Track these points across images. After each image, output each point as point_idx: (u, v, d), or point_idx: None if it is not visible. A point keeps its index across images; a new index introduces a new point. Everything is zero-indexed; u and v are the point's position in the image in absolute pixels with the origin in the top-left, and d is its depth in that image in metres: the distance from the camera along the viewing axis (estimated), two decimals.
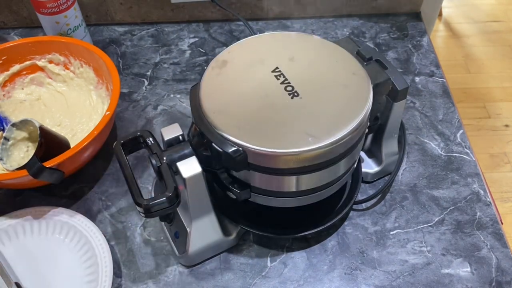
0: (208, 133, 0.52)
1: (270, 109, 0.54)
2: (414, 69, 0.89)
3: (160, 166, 0.53)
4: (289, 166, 0.52)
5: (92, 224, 0.65)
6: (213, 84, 0.56)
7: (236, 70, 0.58)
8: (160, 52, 0.93)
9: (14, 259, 0.64)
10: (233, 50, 0.60)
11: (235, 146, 0.50)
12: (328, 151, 0.51)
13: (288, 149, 0.50)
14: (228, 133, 0.51)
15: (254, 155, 0.51)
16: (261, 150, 0.50)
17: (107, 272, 0.61)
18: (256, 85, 0.56)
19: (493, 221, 0.68)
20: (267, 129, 0.52)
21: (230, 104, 0.54)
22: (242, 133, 0.51)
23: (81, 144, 0.65)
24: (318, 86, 0.56)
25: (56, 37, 0.82)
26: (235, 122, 0.52)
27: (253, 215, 0.64)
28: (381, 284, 0.62)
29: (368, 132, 0.62)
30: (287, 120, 0.52)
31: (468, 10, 2.47)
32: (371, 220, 0.68)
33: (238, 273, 0.63)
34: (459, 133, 0.78)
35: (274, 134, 0.51)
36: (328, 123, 0.52)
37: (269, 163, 0.52)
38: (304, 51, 0.60)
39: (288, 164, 0.51)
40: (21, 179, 0.64)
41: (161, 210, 0.52)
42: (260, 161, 0.52)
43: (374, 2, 0.97)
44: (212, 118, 0.52)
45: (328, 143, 0.50)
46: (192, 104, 0.55)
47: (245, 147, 0.50)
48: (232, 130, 0.51)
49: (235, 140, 0.51)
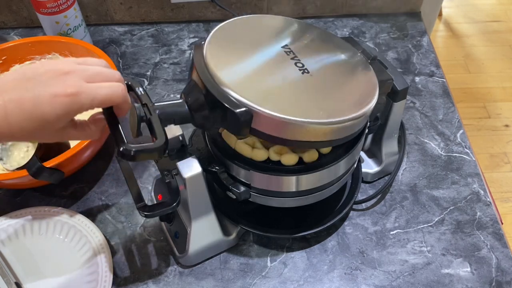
0: (214, 90, 0.48)
1: (280, 77, 0.51)
2: (414, 69, 0.89)
3: (150, 117, 0.47)
4: (294, 137, 0.49)
5: (92, 224, 0.65)
6: (220, 44, 0.53)
7: (244, 37, 0.56)
8: (160, 52, 0.93)
9: (14, 259, 0.64)
10: (240, 22, 0.58)
11: (243, 106, 0.47)
12: (335, 130, 0.49)
13: (297, 117, 0.47)
14: (236, 91, 0.48)
15: (261, 119, 0.47)
16: (270, 114, 0.47)
17: (107, 272, 0.61)
18: (266, 53, 0.54)
19: (493, 221, 0.68)
20: (277, 95, 0.49)
21: (238, 64, 0.52)
22: (251, 94, 0.48)
23: (81, 144, 0.65)
24: (329, 71, 0.54)
25: (56, 37, 0.82)
26: (244, 82, 0.49)
27: (253, 215, 0.64)
28: (381, 284, 0.62)
29: (368, 132, 0.62)
30: (297, 91, 0.50)
31: (468, 10, 2.47)
32: (371, 220, 0.68)
33: (238, 273, 0.63)
34: (459, 133, 0.78)
35: (283, 101, 0.49)
36: (339, 104, 0.51)
37: (275, 130, 0.48)
38: (313, 38, 0.59)
39: (294, 134, 0.48)
40: (21, 179, 0.64)
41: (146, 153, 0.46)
42: (266, 126, 0.48)
43: (374, 2, 0.97)
44: (220, 76, 0.49)
45: (338, 120, 0.49)
46: (195, 60, 0.51)
47: (254, 108, 0.47)
48: (240, 90, 0.48)
49: (243, 100, 0.47)
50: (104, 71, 0.44)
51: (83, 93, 0.41)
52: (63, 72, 0.41)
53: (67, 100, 0.40)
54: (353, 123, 0.50)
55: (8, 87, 0.40)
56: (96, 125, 0.48)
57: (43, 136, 0.43)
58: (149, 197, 0.71)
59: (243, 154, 0.55)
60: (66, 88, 0.40)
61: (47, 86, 0.40)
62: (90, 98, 0.42)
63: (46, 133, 0.42)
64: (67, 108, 0.41)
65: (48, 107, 0.40)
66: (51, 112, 0.40)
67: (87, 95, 0.41)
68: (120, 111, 0.46)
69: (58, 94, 0.40)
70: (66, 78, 0.41)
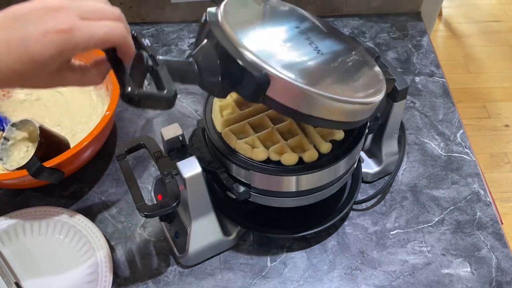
0: (231, 50, 0.46)
1: (298, 51, 0.50)
2: (414, 69, 0.89)
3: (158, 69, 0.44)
4: (309, 111, 0.47)
5: (92, 224, 0.65)
6: (236, 9, 0.52)
7: (259, 10, 0.55)
8: (160, 52, 0.93)
9: (14, 259, 0.64)
10: None
11: (261, 70, 0.45)
12: (351, 111, 0.49)
13: (318, 90, 0.46)
14: (254, 54, 0.45)
15: (278, 87, 0.46)
16: (289, 82, 0.45)
17: (107, 272, 0.61)
18: (281, 28, 0.53)
19: (493, 221, 0.68)
20: (295, 65, 0.47)
21: (256, 30, 0.50)
22: (270, 59, 0.46)
23: (81, 144, 0.65)
24: (341, 57, 0.54)
25: None
26: (262, 48, 0.47)
27: (253, 215, 0.64)
28: (381, 284, 0.62)
29: (368, 132, 0.62)
30: (315, 66, 0.49)
31: (468, 10, 2.47)
32: (371, 220, 0.68)
33: (238, 273, 0.63)
34: (459, 133, 0.78)
35: (302, 72, 0.47)
36: (354, 87, 0.50)
37: (291, 100, 0.47)
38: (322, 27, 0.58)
39: (310, 108, 0.47)
40: (21, 179, 0.64)
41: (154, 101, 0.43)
42: (282, 95, 0.46)
43: (374, 2, 0.97)
44: (237, 36, 0.47)
45: (356, 101, 0.48)
46: (210, 19, 0.49)
47: (273, 74, 0.45)
48: (259, 53, 0.46)
49: (262, 64, 0.45)
50: (102, 7, 0.40)
51: (77, 30, 0.37)
52: (54, 8, 0.38)
53: (59, 38, 0.37)
54: (368, 107, 0.50)
55: None
56: (98, 68, 0.44)
57: (37, 80, 0.40)
58: (149, 197, 0.71)
59: (243, 154, 0.55)
60: (57, 25, 0.37)
61: (37, 24, 0.37)
62: (86, 36, 0.38)
63: (40, 76, 0.39)
64: (59, 47, 0.37)
65: (38, 46, 0.37)
66: (42, 52, 0.37)
67: (83, 32, 0.38)
68: (124, 55, 0.42)
69: (49, 31, 0.37)
70: (58, 15, 0.37)
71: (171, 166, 0.56)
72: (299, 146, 0.56)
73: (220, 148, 0.56)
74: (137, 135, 0.80)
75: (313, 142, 0.56)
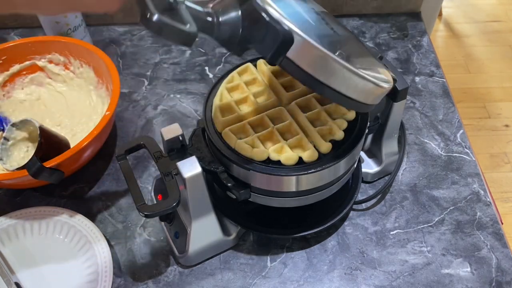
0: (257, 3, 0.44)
1: (319, 25, 0.50)
2: (414, 69, 0.89)
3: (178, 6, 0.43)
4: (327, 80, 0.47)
5: (92, 224, 0.65)
6: None
7: None
8: (160, 52, 0.93)
9: (14, 259, 0.64)
10: None
11: (287, 28, 0.44)
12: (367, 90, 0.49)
13: (342, 60, 0.46)
14: (280, 12, 0.44)
15: (301, 48, 0.45)
16: (314, 46, 0.44)
17: (107, 272, 0.61)
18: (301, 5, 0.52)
19: (493, 221, 0.68)
20: (316, 32, 0.47)
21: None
22: (295, 20, 0.45)
23: (81, 144, 0.65)
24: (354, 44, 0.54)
25: (56, 37, 0.82)
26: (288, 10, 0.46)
27: (253, 215, 0.64)
28: (381, 284, 0.62)
29: (368, 132, 0.62)
30: (333, 41, 0.49)
31: (468, 10, 2.47)
32: (371, 220, 0.68)
33: (238, 273, 0.63)
34: (459, 133, 0.78)
35: (323, 40, 0.46)
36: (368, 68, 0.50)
37: (312, 65, 0.46)
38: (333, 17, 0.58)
39: (329, 77, 0.46)
40: (21, 179, 0.64)
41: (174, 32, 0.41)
42: (303, 58, 0.45)
43: (374, 2, 0.97)
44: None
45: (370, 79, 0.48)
46: None
47: (297, 33, 0.44)
48: (285, 12, 0.44)
49: (287, 23, 0.44)
50: None
51: None
52: None
53: None
54: (379, 91, 0.51)
55: None
56: None
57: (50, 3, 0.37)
58: (149, 197, 0.71)
59: (243, 154, 0.55)
60: None
61: None
62: None
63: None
64: None
65: None
66: None
67: None
68: None
69: None
70: None
71: (171, 166, 0.56)
72: (299, 146, 0.56)
73: (220, 148, 0.56)
74: (137, 135, 0.80)
75: (313, 142, 0.56)
